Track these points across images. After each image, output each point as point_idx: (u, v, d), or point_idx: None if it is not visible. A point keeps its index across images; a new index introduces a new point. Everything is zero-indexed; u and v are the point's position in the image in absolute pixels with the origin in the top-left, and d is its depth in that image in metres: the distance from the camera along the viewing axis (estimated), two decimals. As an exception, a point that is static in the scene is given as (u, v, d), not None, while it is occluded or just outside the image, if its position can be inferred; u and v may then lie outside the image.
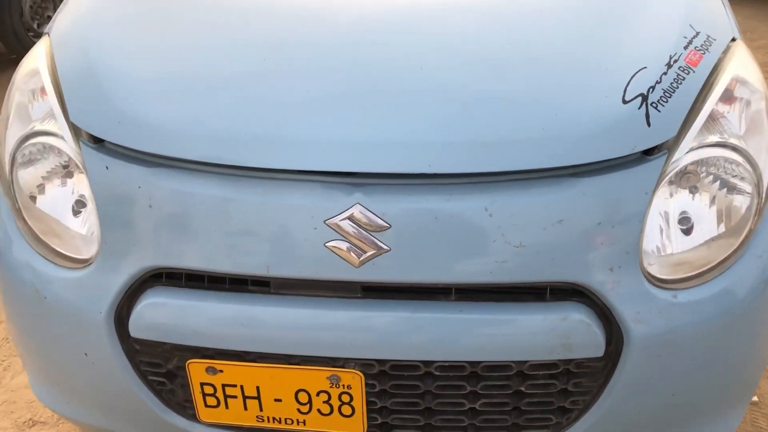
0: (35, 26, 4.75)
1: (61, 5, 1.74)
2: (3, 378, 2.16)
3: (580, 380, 1.34)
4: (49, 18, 4.90)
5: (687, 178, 1.33)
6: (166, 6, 1.62)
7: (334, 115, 1.30)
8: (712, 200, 1.34)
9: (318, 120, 1.30)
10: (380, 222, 1.24)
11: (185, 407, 1.44)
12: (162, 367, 1.41)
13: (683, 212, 1.34)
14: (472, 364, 1.32)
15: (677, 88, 1.33)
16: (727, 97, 1.38)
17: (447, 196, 1.25)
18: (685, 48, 1.40)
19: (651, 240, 1.31)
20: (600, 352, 1.30)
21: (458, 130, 1.27)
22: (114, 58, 1.46)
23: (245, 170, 1.29)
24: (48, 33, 1.63)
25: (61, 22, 1.64)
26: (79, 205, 1.43)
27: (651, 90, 1.32)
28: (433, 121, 1.29)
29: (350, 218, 1.25)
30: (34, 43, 4.84)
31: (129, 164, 1.34)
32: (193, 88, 1.38)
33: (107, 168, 1.36)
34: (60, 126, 1.43)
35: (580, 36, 1.47)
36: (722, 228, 1.34)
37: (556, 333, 1.28)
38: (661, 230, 1.32)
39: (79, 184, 1.43)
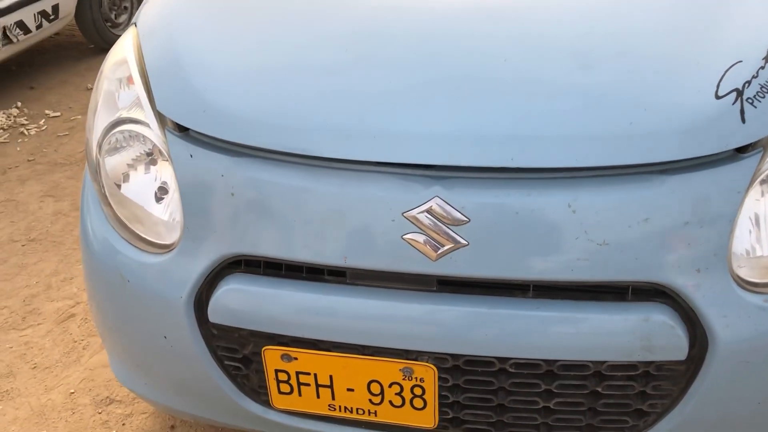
0: (113, 17, 4.90)
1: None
2: (82, 356, 2.24)
3: (659, 383, 1.31)
4: (126, 9, 5.05)
5: None
6: (247, 8, 1.64)
7: (415, 106, 1.30)
8: None
9: (399, 111, 1.30)
10: (459, 216, 1.23)
11: (259, 393, 1.46)
12: (238, 353, 1.43)
13: None
14: (548, 362, 1.29)
15: None
16: None
17: (529, 191, 1.23)
18: (785, 41, 1.33)
19: (741, 241, 1.26)
20: (683, 355, 1.26)
21: (542, 124, 1.25)
22: (200, 49, 1.49)
23: (325, 161, 1.30)
24: (135, 23, 1.68)
25: (147, 12, 1.68)
26: (162, 192, 1.47)
27: (747, 85, 1.26)
28: (517, 114, 1.26)
29: (428, 211, 1.24)
30: (112, 33, 5.00)
31: (213, 153, 1.37)
32: (276, 79, 1.40)
33: (191, 156, 1.38)
34: (146, 114, 1.47)
35: (672, 28, 1.42)
36: None
37: (637, 334, 1.25)
38: (752, 232, 1.26)
39: (163, 171, 1.47)
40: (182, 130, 1.42)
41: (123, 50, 1.59)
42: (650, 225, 1.22)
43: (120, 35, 5.26)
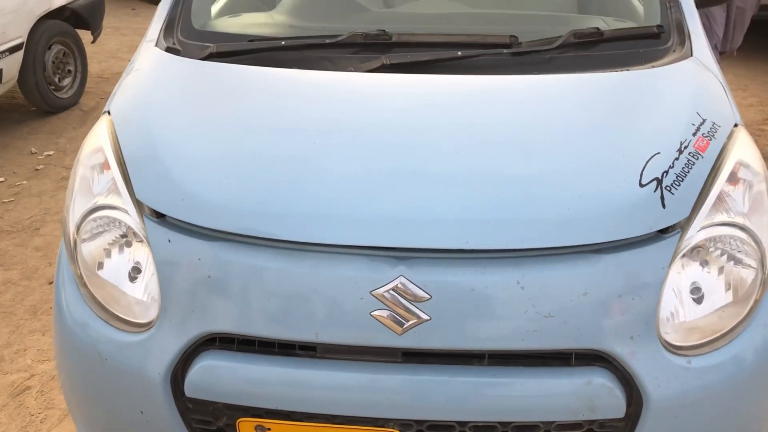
0: (57, 80, 4.92)
1: (118, 83, 1.88)
2: (40, 430, 2.24)
3: None
4: (70, 72, 5.08)
5: (698, 253, 1.46)
6: (222, 89, 1.77)
7: (379, 194, 1.44)
8: (721, 273, 1.47)
9: (364, 198, 1.44)
10: (422, 293, 1.37)
11: (233, 463, 1.53)
12: (213, 425, 1.51)
13: (695, 284, 1.46)
14: (503, 424, 1.43)
15: (688, 172, 1.47)
16: (732, 179, 1.52)
17: (482, 269, 1.38)
18: (694, 135, 1.55)
19: (667, 310, 1.44)
20: (621, 413, 1.41)
21: (492, 210, 1.41)
22: (175, 141, 1.60)
23: (298, 244, 1.42)
24: (108, 111, 1.77)
25: (120, 102, 1.78)
26: (135, 272, 1.55)
27: (665, 174, 1.46)
28: (469, 201, 1.42)
29: (394, 289, 1.37)
30: (56, 96, 4.99)
31: (190, 238, 1.47)
32: (248, 168, 1.52)
33: (169, 241, 1.48)
34: (124, 201, 1.56)
35: (599, 123, 1.62)
36: (730, 298, 1.47)
37: (581, 395, 1.40)
38: (676, 301, 1.45)
39: (137, 253, 1.56)
40: (159, 216, 1.52)
41: (99, 138, 1.69)
42: (589, 298, 1.38)
43: (64, 98, 5.23)
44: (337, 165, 1.50)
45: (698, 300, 1.46)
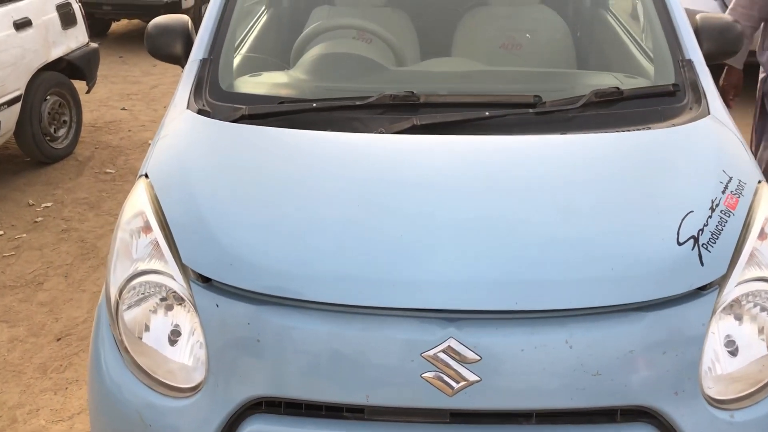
0: (52, 131, 4.92)
1: (153, 145, 1.91)
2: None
3: None
4: (65, 123, 5.08)
5: (735, 308, 1.51)
6: (259, 152, 1.80)
7: (426, 257, 1.47)
8: (757, 325, 1.52)
9: (414, 262, 1.46)
10: (472, 355, 1.39)
11: None
12: (260, 491, 1.50)
13: (731, 337, 1.51)
14: None
15: (722, 230, 1.52)
16: (762, 235, 1.58)
17: (531, 329, 1.41)
18: (723, 192, 1.61)
19: (708, 365, 1.47)
20: None
21: (539, 271, 1.45)
22: (220, 204, 1.62)
23: (349, 308, 1.44)
24: (145, 175, 1.79)
25: (158, 166, 1.80)
26: (176, 336, 1.56)
27: (700, 232, 1.51)
28: (517, 263, 1.46)
29: (444, 351, 1.40)
30: (51, 147, 4.98)
31: (239, 302, 1.48)
32: (296, 233, 1.54)
33: (217, 306, 1.49)
34: (168, 266, 1.57)
35: (630, 181, 1.68)
36: (765, 350, 1.51)
37: None
38: (716, 355, 1.48)
39: (179, 317, 1.57)
40: (205, 281, 1.53)
41: (139, 202, 1.70)
42: (634, 355, 1.42)
43: (59, 149, 5.22)
44: (384, 227, 1.54)
45: (735, 352, 1.51)
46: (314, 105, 1.91)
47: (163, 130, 1.93)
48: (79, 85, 5.29)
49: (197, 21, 2.44)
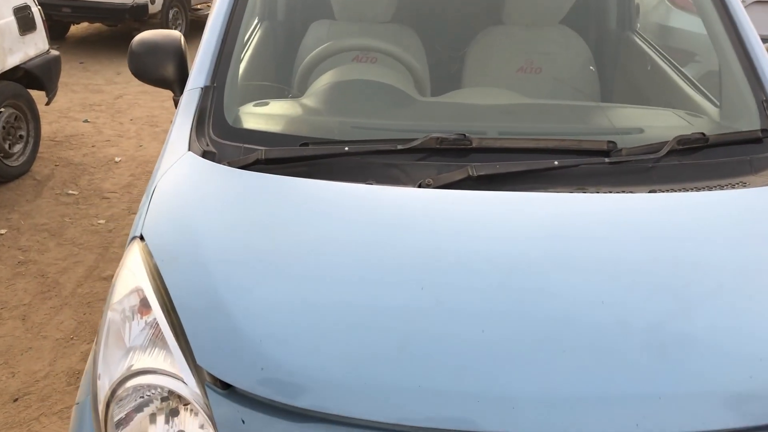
0: (7, 147, 4.45)
1: (146, 197, 1.53)
2: None
3: None
4: (21, 138, 4.62)
5: None
6: (286, 213, 1.44)
7: (520, 365, 1.14)
8: None
9: (503, 371, 1.13)
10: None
11: None
12: None
13: None
14: None
15: None
16: None
17: (654, 458, 1.10)
18: None
19: None
20: None
21: (663, 383, 1.13)
22: (245, 287, 1.26)
23: (420, 431, 1.11)
24: (140, 236, 1.42)
25: (156, 225, 1.43)
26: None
27: None
28: (635, 372, 1.14)
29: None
30: (5, 164, 4.53)
31: (273, 419, 1.13)
32: (349, 328, 1.20)
33: (243, 422, 1.14)
34: (176, 364, 1.21)
35: (749, 256, 1.38)
36: None
37: None
38: None
39: (186, 423, 1.21)
40: (225, 387, 1.18)
41: (134, 276, 1.34)
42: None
43: (14, 166, 4.76)
44: (459, 323, 1.20)
45: None
46: (346, 149, 1.58)
47: (160, 178, 1.56)
48: (37, 96, 4.83)
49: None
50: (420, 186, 1.52)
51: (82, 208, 4.21)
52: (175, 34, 2.05)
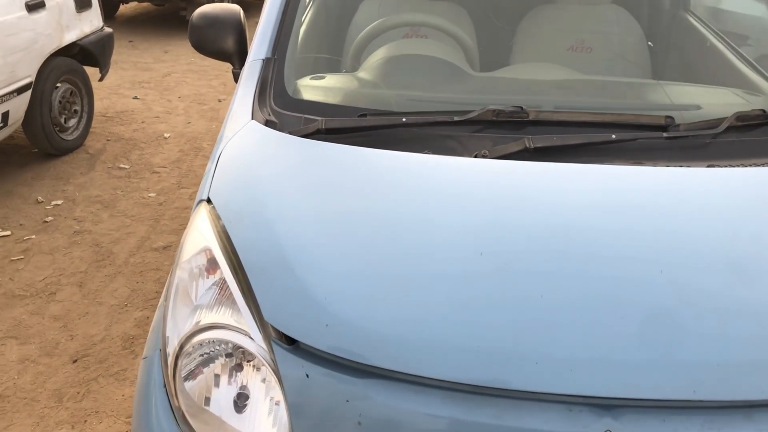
0: (63, 121, 4.58)
1: (212, 161, 1.59)
2: None
3: None
4: (76, 113, 4.75)
5: None
6: (349, 179, 1.48)
7: (577, 328, 1.17)
8: None
9: (560, 334, 1.16)
10: (634, 454, 1.10)
11: None
12: None
13: None
14: None
15: None
16: None
17: (710, 425, 1.12)
18: None
19: None
20: None
21: (723, 351, 1.15)
22: (311, 247, 1.31)
23: (479, 389, 1.14)
24: (207, 199, 1.48)
25: (223, 188, 1.49)
26: (244, 400, 1.26)
27: None
28: (694, 340, 1.16)
29: (600, 448, 1.10)
30: (61, 138, 4.70)
31: (336, 373, 1.18)
32: (410, 289, 1.23)
33: (307, 376, 1.19)
34: (244, 320, 1.27)
35: None
36: None
37: None
38: None
39: (249, 378, 1.27)
40: (291, 342, 1.23)
41: (202, 236, 1.39)
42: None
43: (69, 140, 4.89)
44: (518, 286, 1.23)
45: None
46: (404, 120, 1.61)
47: (225, 144, 1.61)
48: (91, 72, 4.96)
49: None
50: (476, 157, 1.54)
51: (133, 182, 4.32)
52: (235, 7, 2.10)
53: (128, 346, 2.80)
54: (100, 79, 5.05)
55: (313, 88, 1.90)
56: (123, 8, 9.38)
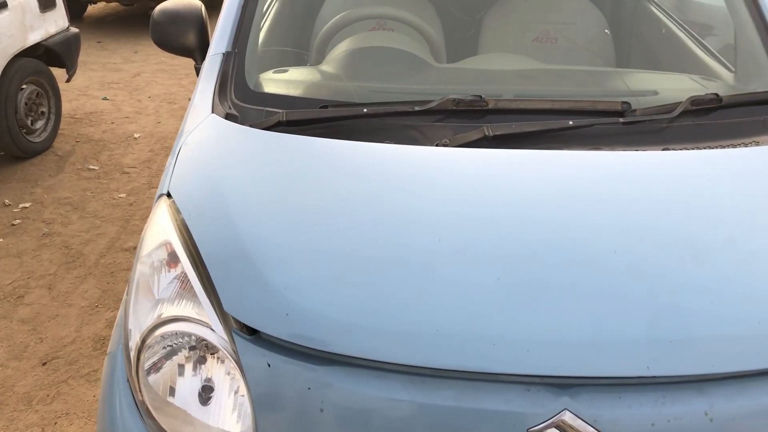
0: (29, 123, 4.53)
1: (172, 156, 1.59)
2: None
3: None
4: (43, 114, 4.69)
5: None
6: (307, 170, 1.49)
7: (534, 310, 1.19)
8: None
9: (517, 315, 1.18)
10: (591, 430, 1.12)
11: None
12: None
13: None
14: None
15: None
16: None
17: (663, 399, 1.14)
18: None
19: None
20: None
21: (675, 327, 1.17)
22: (270, 236, 1.31)
23: (435, 371, 1.16)
24: (167, 193, 1.48)
25: (182, 182, 1.49)
26: (208, 392, 1.27)
27: None
28: (647, 317, 1.18)
29: (558, 426, 1.12)
30: (27, 140, 4.62)
31: (297, 362, 1.19)
32: (368, 275, 1.25)
33: (269, 366, 1.20)
34: (204, 312, 1.27)
35: (761, 210, 1.40)
36: None
37: None
38: None
39: (213, 371, 1.27)
40: (252, 332, 1.24)
41: (163, 230, 1.39)
42: (788, 430, 1.15)
43: (36, 142, 4.82)
44: (476, 270, 1.24)
45: None
46: (365, 111, 1.62)
47: (186, 138, 1.61)
48: (58, 73, 4.90)
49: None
50: (437, 145, 1.55)
51: (103, 183, 4.29)
52: (196, 3, 2.09)
53: (99, 347, 2.78)
54: (68, 80, 5.00)
55: (276, 81, 1.91)
56: (91, 9, 9.26)
